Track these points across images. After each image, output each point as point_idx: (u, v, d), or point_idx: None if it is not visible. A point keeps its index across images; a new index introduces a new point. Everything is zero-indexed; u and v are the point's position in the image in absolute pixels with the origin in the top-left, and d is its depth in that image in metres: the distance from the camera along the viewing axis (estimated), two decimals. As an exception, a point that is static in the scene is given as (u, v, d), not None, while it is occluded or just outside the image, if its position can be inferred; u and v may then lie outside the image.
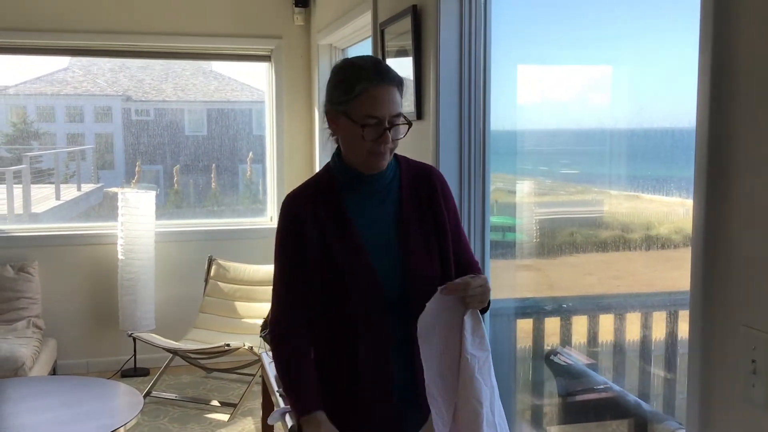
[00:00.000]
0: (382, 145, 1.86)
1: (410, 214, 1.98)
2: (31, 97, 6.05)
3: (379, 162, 1.91)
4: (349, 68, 1.91)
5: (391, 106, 1.84)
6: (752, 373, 1.40)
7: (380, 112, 1.84)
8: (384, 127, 1.85)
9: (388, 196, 1.99)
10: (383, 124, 1.84)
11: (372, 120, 1.84)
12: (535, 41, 2.97)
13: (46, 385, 4.09)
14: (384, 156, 1.90)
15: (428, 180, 2.04)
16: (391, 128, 1.86)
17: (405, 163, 2.06)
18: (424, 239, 1.97)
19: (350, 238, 1.92)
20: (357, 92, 1.84)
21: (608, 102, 2.62)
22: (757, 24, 1.40)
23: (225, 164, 6.16)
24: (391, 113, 1.85)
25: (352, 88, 1.85)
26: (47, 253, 5.38)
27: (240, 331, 4.99)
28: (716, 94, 1.49)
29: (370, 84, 1.84)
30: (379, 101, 1.84)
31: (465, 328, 1.90)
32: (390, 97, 1.85)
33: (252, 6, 5.57)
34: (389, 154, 1.92)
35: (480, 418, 1.87)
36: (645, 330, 2.52)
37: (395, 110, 1.85)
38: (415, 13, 3.22)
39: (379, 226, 1.97)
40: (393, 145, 1.89)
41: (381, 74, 1.86)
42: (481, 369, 1.91)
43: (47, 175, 6.48)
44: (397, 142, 1.91)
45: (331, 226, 1.93)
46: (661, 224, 2.35)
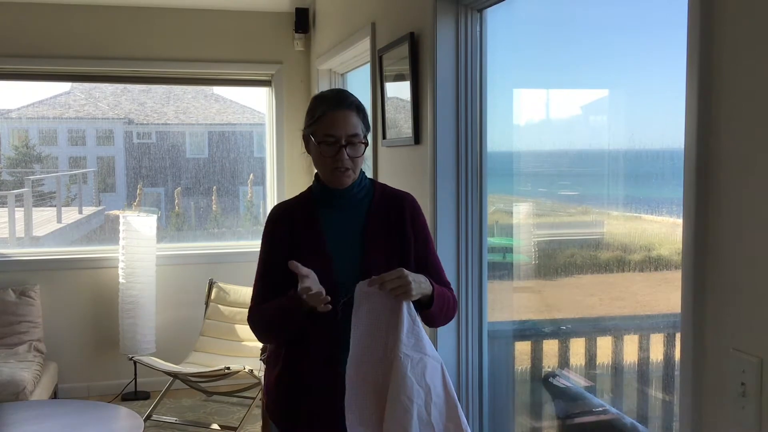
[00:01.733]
0: (339, 161, 2.09)
1: (376, 231, 2.19)
2: (34, 120, 6.10)
3: (341, 177, 2.14)
4: (316, 98, 2.22)
5: (346, 126, 2.10)
6: (742, 395, 1.42)
7: (336, 131, 2.10)
8: (340, 144, 2.09)
9: (359, 213, 2.21)
10: (339, 142, 2.09)
11: (329, 138, 2.10)
12: (531, 66, 3.01)
13: (47, 408, 4.10)
14: (345, 172, 2.13)
15: (400, 205, 2.24)
16: (347, 146, 2.09)
17: (381, 188, 2.28)
18: (386, 252, 2.17)
19: (317, 243, 2.16)
20: (317, 115, 2.12)
21: (606, 124, 2.65)
22: (741, 49, 1.43)
23: (226, 187, 6.19)
24: (346, 133, 2.10)
25: (315, 112, 2.13)
26: (48, 276, 5.40)
27: (240, 354, 4.99)
28: (703, 117, 1.52)
29: (328, 108, 2.12)
30: (335, 123, 2.10)
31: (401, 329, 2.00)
32: (345, 120, 2.10)
33: (253, 32, 5.63)
34: (352, 171, 2.14)
35: (409, 415, 1.94)
36: (643, 352, 2.53)
37: (351, 131, 2.10)
38: (413, 39, 3.26)
39: (346, 237, 2.19)
40: (352, 163, 2.12)
41: (339, 101, 2.14)
42: (414, 369, 1.98)
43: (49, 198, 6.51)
44: (357, 160, 2.13)
45: (304, 233, 2.18)
46: (661, 245, 2.37)
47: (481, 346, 3.11)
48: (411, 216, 2.24)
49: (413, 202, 2.29)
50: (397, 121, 3.59)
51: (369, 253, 2.16)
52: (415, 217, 2.25)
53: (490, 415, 3.14)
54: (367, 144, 2.15)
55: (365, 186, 2.24)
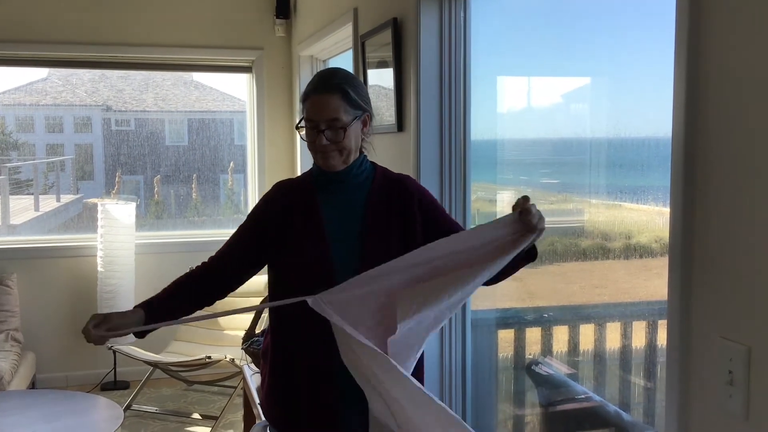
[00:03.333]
0: (319, 146, 2.06)
1: (376, 214, 2.13)
2: (10, 107, 6.00)
3: (327, 161, 2.09)
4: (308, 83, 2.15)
5: (323, 111, 2.05)
6: (729, 384, 1.42)
7: (314, 115, 2.05)
8: (318, 129, 2.05)
9: (358, 196, 2.15)
10: (318, 127, 2.05)
11: (309, 123, 2.07)
12: (515, 53, 3.00)
13: (25, 399, 4.05)
14: (329, 155, 2.08)
15: (402, 188, 2.19)
16: (324, 131, 2.05)
17: (382, 171, 2.22)
18: (387, 235, 2.12)
19: (314, 226, 2.11)
20: (303, 100, 2.10)
21: (588, 112, 2.65)
22: (729, 37, 1.42)
23: (206, 174, 6.14)
24: (324, 117, 2.04)
25: (302, 98, 2.11)
26: (26, 265, 5.33)
27: (221, 343, 4.96)
28: (691, 105, 1.52)
29: (310, 92, 2.08)
30: (314, 107, 2.06)
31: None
32: (323, 103, 2.05)
33: (233, 17, 5.57)
34: (338, 155, 2.08)
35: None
36: (625, 339, 2.54)
37: (329, 115, 2.04)
38: (396, 25, 3.23)
39: (344, 221, 2.14)
40: (336, 146, 2.06)
41: (321, 83, 2.08)
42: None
43: (26, 186, 6.43)
44: (343, 143, 2.07)
45: (300, 215, 2.13)
46: (641, 233, 2.37)
47: (465, 335, 3.11)
48: (420, 196, 2.18)
49: (416, 182, 2.26)
50: (379, 109, 3.57)
51: (368, 237, 2.10)
52: (421, 197, 2.19)
53: (473, 403, 3.14)
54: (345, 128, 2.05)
55: (366, 169, 2.18)
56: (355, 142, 2.11)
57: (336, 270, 2.04)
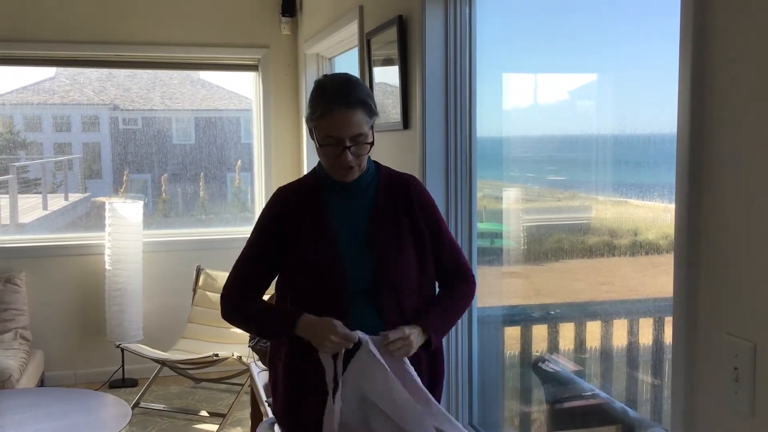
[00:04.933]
0: (344, 162, 1.97)
1: (383, 214, 2.09)
2: (18, 106, 6.02)
3: (344, 176, 2.04)
4: (317, 89, 2.02)
5: (348, 128, 1.94)
6: (735, 380, 1.41)
7: (338, 133, 1.94)
8: (343, 146, 1.95)
9: (365, 198, 2.11)
10: (342, 144, 1.95)
11: (330, 140, 1.95)
12: (520, 49, 2.99)
13: (33, 397, 4.07)
14: (348, 170, 2.01)
15: (406, 189, 2.15)
16: (351, 147, 1.95)
17: (385, 171, 2.18)
18: (396, 237, 2.08)
19: (324, 231, 2.06)
20: (318, 114, 1.96)
21: (594, 109, 2.64)
22: (734, 34, 1.42)
23: (213, 173, 6.15)
24: (349, 134, 1.94)
25: (316, 110, 1.96)
26: (34, 264, 5.35)
27: (228, 341, 4.97)
28: (696, 101, 1.51)
29: (329, 108, 1.94)
30: (337, 125, 1.94)
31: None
32: (348, 120, 1.93)
33: (239, 16, 5.58)
34: (357, 168, 2.02)
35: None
36: (632, 336, 2.53)
37: (354, 132, 1.95)
38: (401, 23, 3.23)
39: (353, 223, 2.09)
40: (358, 161, 2.00)
41: (341, 98, 1.95)
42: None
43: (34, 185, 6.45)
44: (362, 158, 2.01)
45: (308, 220, 2.07)
46: (648, 230, 2.36)
47: (471, 332, 3.10)
48: (418, 197, 2.15)
49: (418, 183, 2.22)
50: (385, 106, 3.57)
51: (379, 235, 2.07)
52: (422, 197, 2.17)
53: (479, 400, 3.14)
54: (372, 144, 2.02)
55: (371, 170, 2.13)
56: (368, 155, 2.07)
57: (348, 268, 2.03)
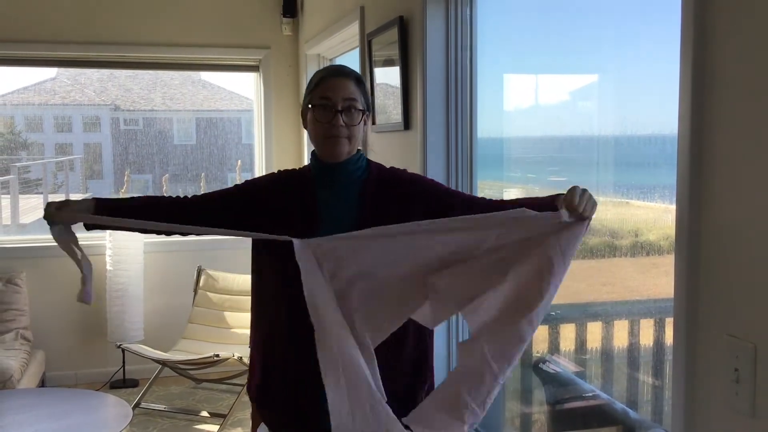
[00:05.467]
0: (335, 127, 2.02)
1: (371, 206, 2.09)
2: (19, 107, 6.04)
3: (335, 147, 2.05)
4: (315, 73, 2.15)
5: (342, 90, 2.03)
6: (735, 381, 1.41)
7: (332, 93, 2.02)
8: (335, 109, 2.01)
9: (354, 191, 2.11)
10: (335, 107, 2.02)
11: (325, 101, 2.02)
12: (521, 50, 2.99)
13: (34, 397, 4.08)
14: (338, 140, 2.04)
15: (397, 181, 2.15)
16: (342, 111, 2.02)
17: (377, 167, 2.19)
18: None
19: (307, 217, 2.07)
20: (315, 82, 2.07)
21: (595, 109, 2.64)
22: (735, 35, 1.42)
23: (214, 173, 6.16)
24: (343, 96, 2.03)
25: (313, 82, 2.09)
26: (35, 264, 5.35)
27: (229, 342, 4.97)
28: (696, 102, 1.51)
29: (326, 75, 2.08)
30: (331, 86, 2.04)
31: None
32: (342, 84, 2.04)
33: (240, 16, 5.58)
34: (347, 140, 2.05)
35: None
36: (632, 337, 2.53)
37: (347, 95, 2.03)
38: (402, 23, 3.23)
39: (338, 214, 2.10)
40: (348, 131, 2.03)
41: (338, 69, 2.13)
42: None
43: (35, 185, 6.46)
44: (353, 129, 2.04)
45: (295, 207, 2.09)
46: (649, 230, 2.36)
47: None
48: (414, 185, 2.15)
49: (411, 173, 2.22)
50: (386, 107, 3.57)
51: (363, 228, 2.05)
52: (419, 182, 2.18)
53: (480, 401, 3.13)
54: (365, 111, 2.07)
55: (362, 166, 2.14)
56: (360, 136, 2.09)
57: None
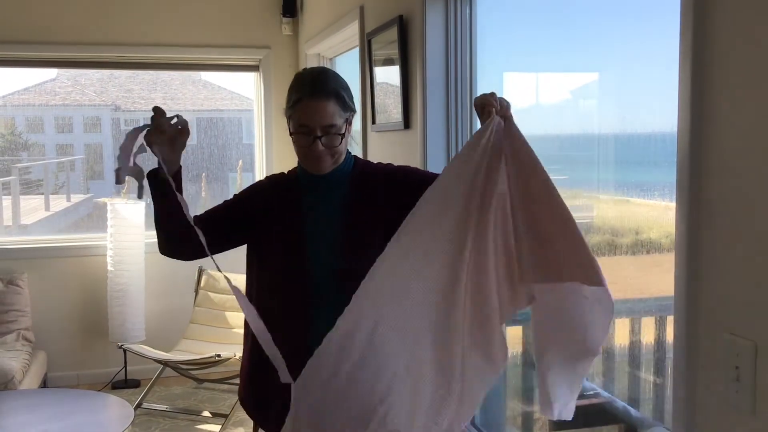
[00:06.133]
0: (314, 152, 1.99)
1: (356, 215, 2.07)
2: (20, 107, 6.04)
3: (316, 165, 2.04)
4: (294, 79, 2.08)
5: (319, 117, 1.96)
6: (736, 379, 1.41)
7: (309, 121, 1.97)
8: (314, 135, 1.97)
9: (338, 195, 2.09)
10: (313, 133, 1.97)
11: (302, 128, 1.98)
12: (521, 49, 2.99)
13: (36, 398, 4.08)
14: (319, 160, 2.01)
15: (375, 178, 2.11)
16: (321, 137, 1.97)
17: (361, 165, 2.15)
18: (368, 238, 2.02)
19: (293, 224, 2.06)
20: (292, 102, 2.00)
21: (596, 108, 2.64)
22: (734, 31, 1.42)
23: (215, 173, 6.16)
24: (321, 124, 1.97)
25: (290, 99, 2.01)
26: (36, 265, 5.35)
27: (230, 341, 4.96)
28: (696, 100, 1.51)
29: (302, 96, 1.98)
30: (309, 113, 1.96)
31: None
32: (320, 110, 1.96)
33: (240, 16, 5.58)
34: (330, 158, 2.02)
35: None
36: (634, 335, 2.53)
37: (325, 122, 1.96)
38: (402, 22, 3.23)
39: (324, 218, 2.08)
40: (329, 151, 2.00)
41: (314, 87, 1.99)
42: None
43: (36, 186, 6.46)
44: (335, 149, 2.01)
45: (282, 211, 2.08)
46: (651, 228, 2.36)
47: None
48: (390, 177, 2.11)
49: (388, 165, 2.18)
50: (386, 106, 3.57)
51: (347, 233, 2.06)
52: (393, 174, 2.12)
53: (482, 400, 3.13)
54: (344, 136, 2.02)
55: (347, 167, 2.11)
56: (344, 146, 2.06)
57: (312, 267, 2.03)
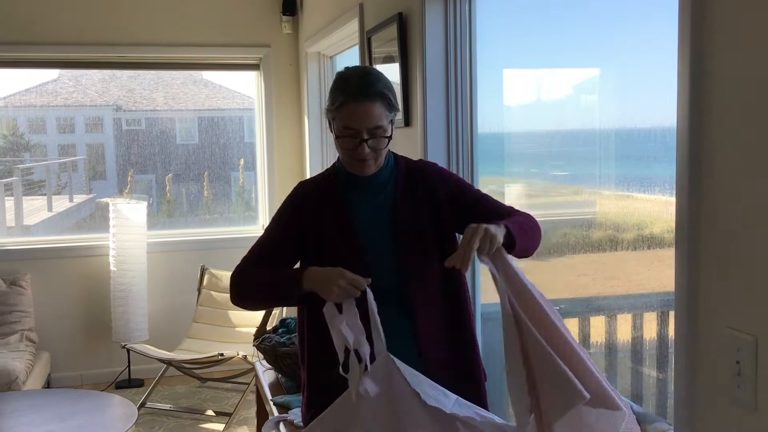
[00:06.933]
0: (361, 155, 1.96)
1: (405, 212, 2.07)
2: (21, 108, 6.04)
3: (361, 168, 2.01)
4: (339, 80, 2.02)
5: (366, 120, 1.93)
6: (737, 374, 1.41)
7: (355, 124, 1.93)
8: (360, 138, 1.94)
9: (385, 195, 2.08)
10: (359, 136, 1.94)
11: (348, 131, 1.94)
12: (521, 45, 2.98)
13: (39, 398, 4.08)
14: (365, 163, 1.99)
15: (423, 176, 2.11)
16: (368, 140, 1.94)
17: (404, 162, 2.15)
18: (420, 236, 2.06)
19: (348, 235, 2.03)
20: (338, 104, 1.95)
21: (597, 103, 2.63)
22: (732, 25, 1.41)
23: (217, 172, 6.16)
24: (367, 126, 1.93)
25: (336, 100, 1.96)
26: (39, 265, 5.36)
27: (233, 340, 4.98)
28: (695, 95, 1.50)
29: (348, 98, 1.94)
30: (355, 115, 1.93)
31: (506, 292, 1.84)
32: (366, 112, 1.93)
33: (240, 15, 5.58)
34: (373, 162, 2.01)
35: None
36: (636, 331, 2.53)
37: (372, 123, 1.93)
38: (401, 20, 3.23)
39: (376, 224, 2.07)
40: (374, 154, 1.98)
41: (361, 89, 1.95)
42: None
43: (39, 186, 6.46)
44: (380, 151, 1.99)
45: (329, 218, 2.05)
46: (653, 224, 2.36)
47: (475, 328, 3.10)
48: (440, 181, 2.10)
49: (435, 166, 2.18)
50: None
51: (401, 229, 2.04)
52: (444, 180, 2.12)
53: (484, 397, 3.13)
54: (390, 138, 2.00)
55: (390, 165, 2.11)
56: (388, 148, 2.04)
57: (371, 264, 2.00)
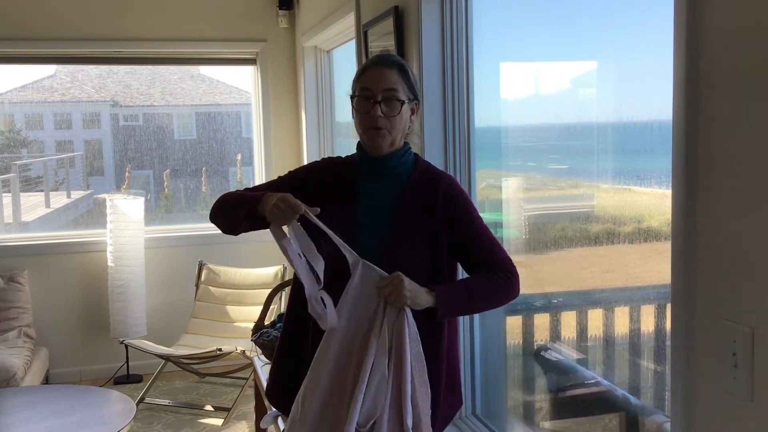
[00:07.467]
0: (373, 118, 2.02)
1: (409, 208, 2.10)
2: (18, 104, 6.03)
3: (375, 139, 2.06)
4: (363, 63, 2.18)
5: (382, 81, 2.04)
6: (733, 366, 1.41)
7: (372, 84, 2.04)
8: (374, 99, 2.02)
9: (394, 188, 2.13)
10: (374, 98, 2.03)
11: (364, 92, 2.05)
12: (517, 38, 2.98)
13: (38, 394, 4.09)
14: (378, 132, 2.05)
15: (434, 189, 2.13)
16: (382, 102, 2.02)
17: (424, 165, 2.19)
18: (415, 236, 2.08)
19: (347, 210, 2.09)
20: (358, 75, 2.11)
21: (594, 96, 2.63)
22: (728, 19, 1.41)
23: (215, 168, 6.15)
24: (383, 87, 2.03)
25: (358, 71, 2.12)
26: (37, 262, 5.36)
27: (232, 336, 4.98)
28: (691, 88, 1.50)
29: (369, 64, 2.12)
30: (372, 77, 2.06)
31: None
32: (383, 74, 2.05)
33: (236, 9, 5.56)
34: (387, 132, 2.05)
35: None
36: (634, 324, 2.53)
37: (387, 85, 2.03)
38: (397, 13, 3.22)
39: (377, 210, 2.11)
40: (388, 123, 2.04)
41: (382, 58, 2.14)
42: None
43: (36, 183, 6.46)
44: (393, 120, 2.04)
45: (337, 194, 2.12)
46: (651, 216, 2.36)
47: (473, 321, 3.10)
48: (445, 201, 2.10)
49: (450, 185, 2.16)
50: (383, 98, 3.55)
51: (395, 230, 2.07)
52: (451, 202, 2.12)
53: (482, 390, 3.14)
54: (403, 102, 2.05)
55: (407, 161, 2.15)
56: (403, 127, 2.08)
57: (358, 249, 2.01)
